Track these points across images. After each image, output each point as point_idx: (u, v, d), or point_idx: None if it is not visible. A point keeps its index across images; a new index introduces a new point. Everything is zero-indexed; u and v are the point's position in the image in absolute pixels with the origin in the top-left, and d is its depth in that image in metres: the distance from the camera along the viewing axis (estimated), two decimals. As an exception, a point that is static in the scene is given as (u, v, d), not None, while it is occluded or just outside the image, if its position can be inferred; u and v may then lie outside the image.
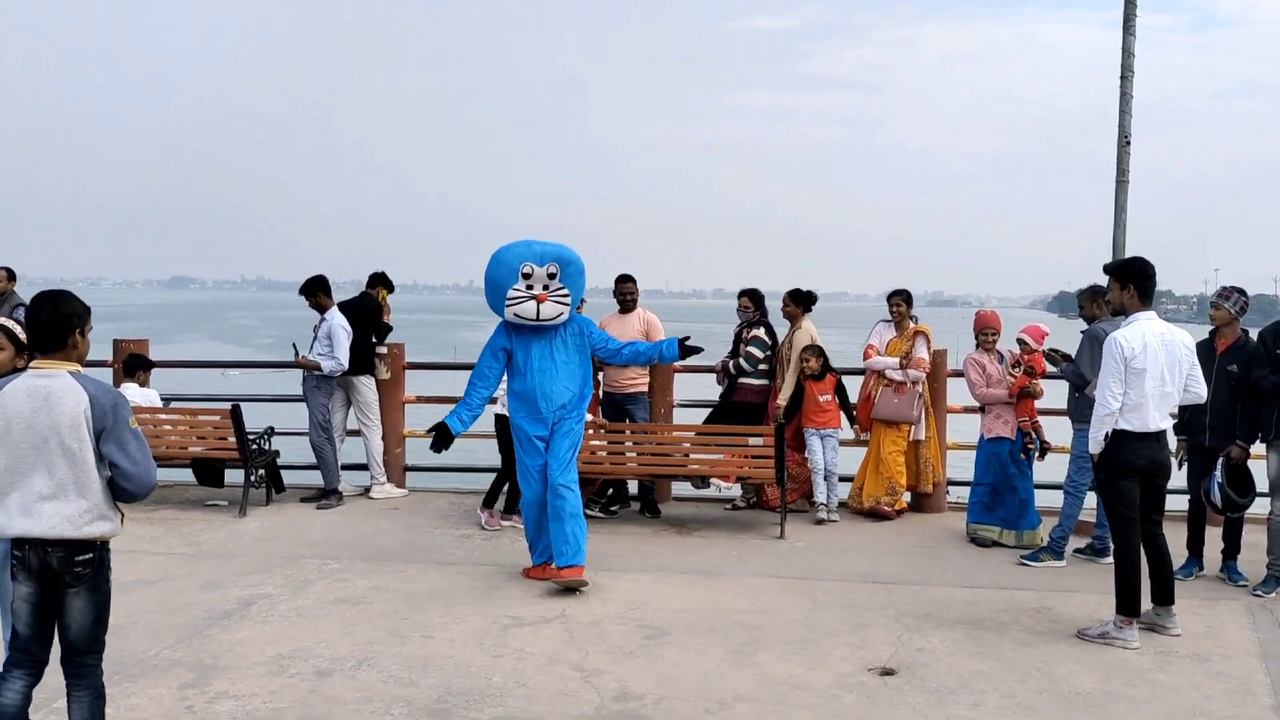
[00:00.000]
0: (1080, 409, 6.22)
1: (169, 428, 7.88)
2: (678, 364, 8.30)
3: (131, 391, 7.99)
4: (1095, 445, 4.94)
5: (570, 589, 5.53)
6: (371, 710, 4.04)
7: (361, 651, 4.69)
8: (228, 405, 7.78)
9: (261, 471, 7.90)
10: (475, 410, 5.86)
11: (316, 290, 8.15)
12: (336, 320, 7.92)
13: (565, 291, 5.64)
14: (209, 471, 7.84)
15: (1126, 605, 4.88)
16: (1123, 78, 7.56)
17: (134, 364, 8.16)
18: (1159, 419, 4.91)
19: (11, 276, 8.84)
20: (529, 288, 5.57)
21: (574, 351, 5.77)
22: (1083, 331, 6.44)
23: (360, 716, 3.99)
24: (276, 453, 8.16)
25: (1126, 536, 4.93)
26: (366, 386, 8.20)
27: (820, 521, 7.33)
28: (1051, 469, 7.62)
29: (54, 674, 3.24)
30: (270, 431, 8.09)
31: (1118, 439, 4.87)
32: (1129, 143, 7.54)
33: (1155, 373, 4.85)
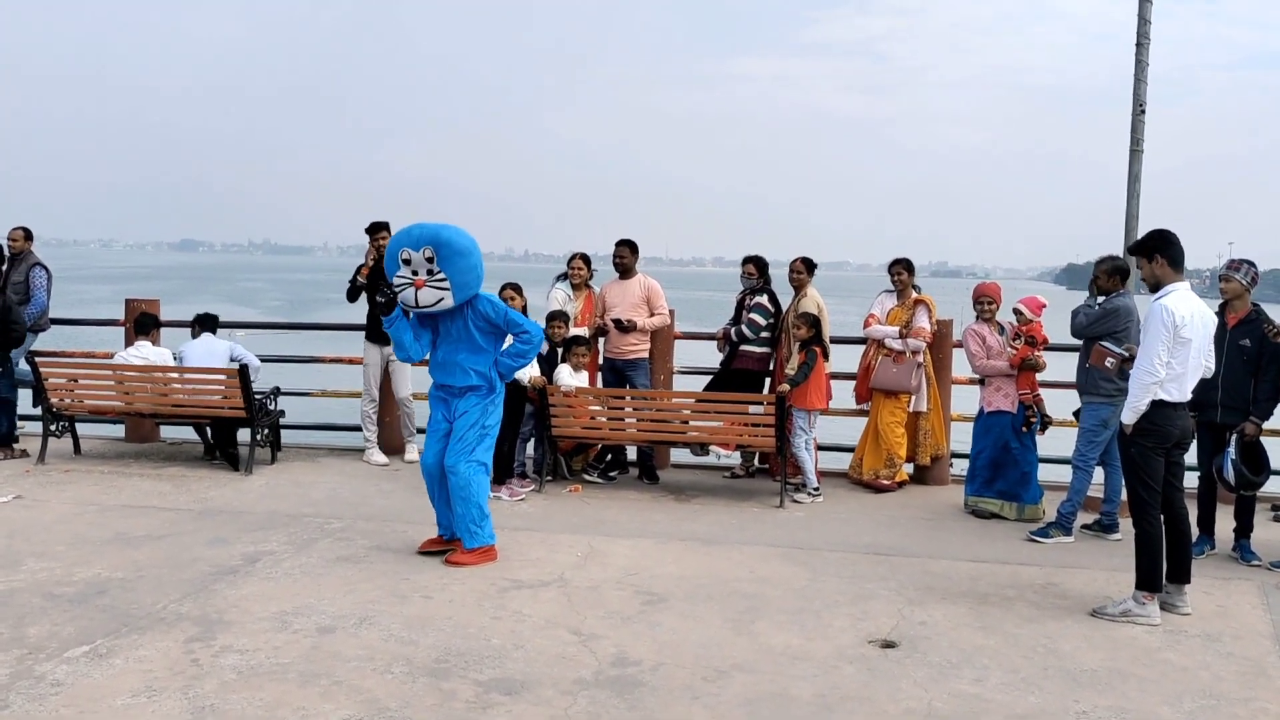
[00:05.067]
0: (1091, 382, 6.13)
1: (178, 386, 7.85)
2: (676, 330, 8.22)
3: (146, 350, 8.03)
4: (1133, 415, 4.81)
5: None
6: (373, 668, 4.02)
7: (363, 610, 4.68)
8: (235, 365, 7.79)
9: (267, 430, 7.91)
10: (410, 334, 5.60)
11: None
12: None
13: (442, 276, 5.32)
14: (220, 444, 7.84)
15: (1148, 580, 4.81)
16: (1138, 45, 7.40)
17: (145, 323, 8.30)
18: (1190, 390, 4.86)
19: (29, 236, 8.95)
20: (414, 273, 5.34)
21: (477, 335, 5.50)
22: (1100, 304, 6.33)
23: (362, 673, 3.96)
24: (282, 412, 8.17)
25: (1149, 510, 4.84)
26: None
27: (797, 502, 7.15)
28: (1053, 442, 7.55)
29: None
30: (276, 392, 8.11)
31: (1156, 409, 4.77)
32: (1144, 111, 7.40)
33: (1197, 344, 4.79)
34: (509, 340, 5.64)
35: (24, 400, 8.42)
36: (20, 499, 6.67)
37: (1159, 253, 4.89)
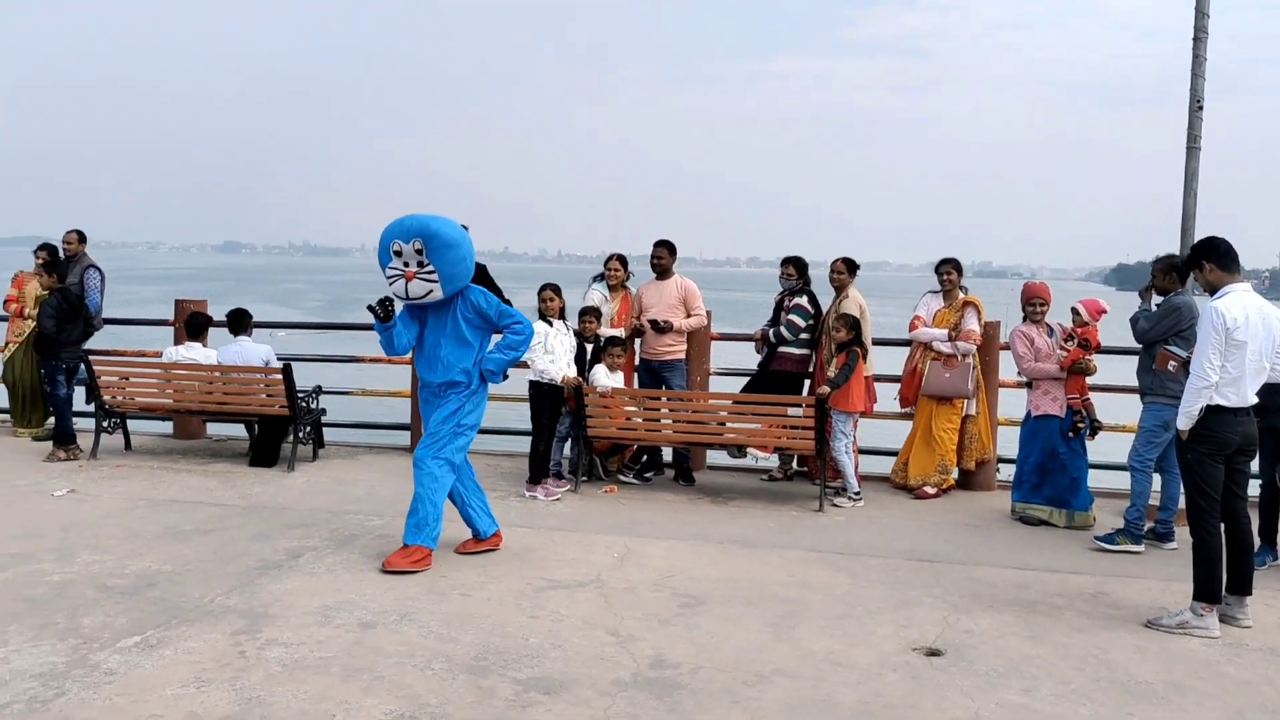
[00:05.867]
0: (1153, 383, 6.01)
1: (223, 385, 7.97)
2: (713, 331, 8.18)
3: (195, 350, 8.16)
4: (1187, 420, 4.71)
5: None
6: (413, 664, 4.04)
7: (403, 606, 4.70)
8: (279, 363, 7.92)
9: (309, 428, 8.00)
10: (400, 328, 5.52)
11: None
12: None
13: (431, 269, 5.25)
14: (265, 449, 7.92)
15: (1206, 591, 4.68)
16: (1195, 39, 7.22)
17: (196, 322, 8.44)
18: (1251, 394, 4.73)
19: (82, 239, 9.20)
20: (405, 265, 5.26)
21: (465, 329, 5.42)
22: (1158, 305, 6.21)
23: (403, 669, 3.98)
24: (323, 410, 8.27)
25: (1208, 518, 4.71)
26: None
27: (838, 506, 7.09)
28: (1103, 447, 7.40)
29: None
30: (318, 390, 8.21)
31: (1212, 414, 4.66)
32: (1201, 107, 7.21)
33: (1255, 346, 4.67)
34: (495, 340, 5.56)
35: (76, 397, 8.61)
36: (74, 493, 6.81)
37: (1206, 260, 4.83)
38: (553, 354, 7.06)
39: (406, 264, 5.28)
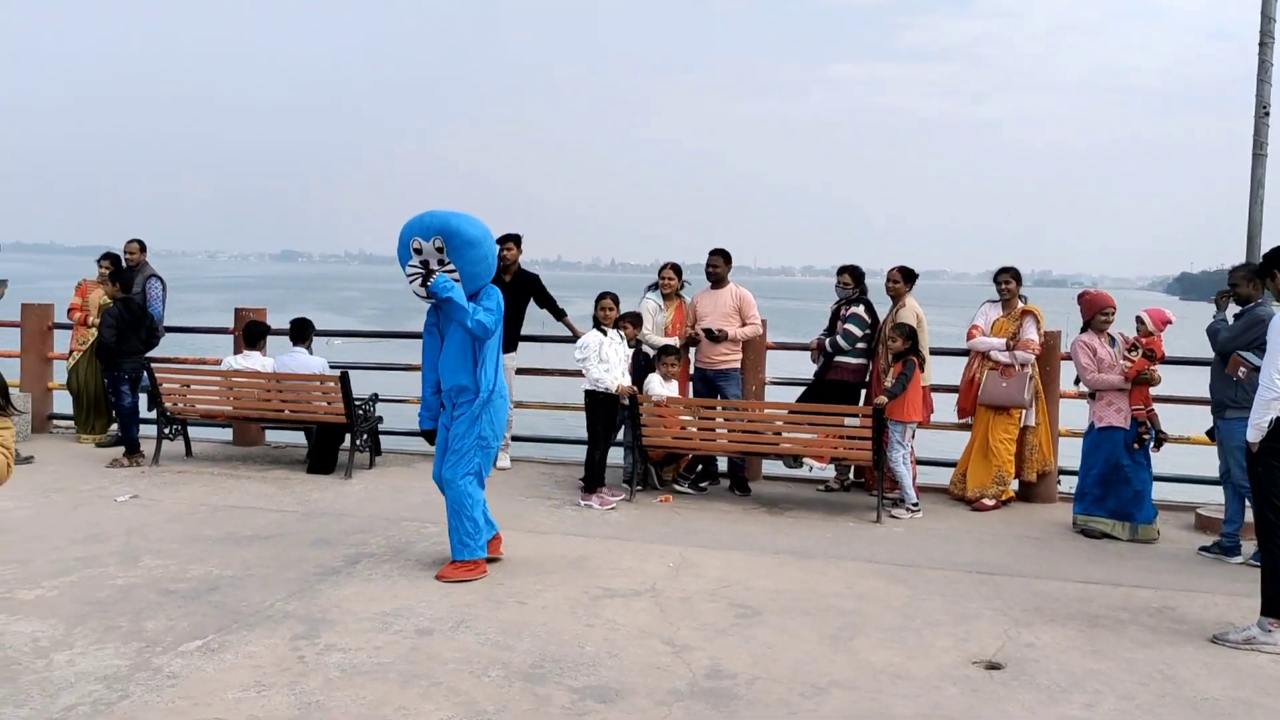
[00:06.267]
0: (1236, 395, 5.86)
1: (281, 393, 8.10)
2: (768, 340, 8.13)
3: (254, 359, 8.32)
4: (1257, 433, 4.58)
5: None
6: (470, 671, 4.06)
7: (459, 613, 4.73)
8: (336, 372, 8.01)
9: (365, 436, 8.10)
10: (430, 403, 5.49)
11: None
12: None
13: (452, 267, 5.14)
14: (323, 456, 8.04)
15: (1275, 606, 4.54)
16: (1261, 44, 7.04)
17: (255, 330, 8.57)
18: None
19: (143, 248, 9.34)
20: (424, 263, 5.16)
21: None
22: (1237, 315, 6.05)
23: (459, 676, 4.00)
24: (380, 418, 8.36)
25: (1277, 531, 4.58)
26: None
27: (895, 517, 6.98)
28: (1169, 459, 7.22)
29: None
30: (375, 398, 8.31)
31: None
32: (1268, 114, 7.02)
33: None
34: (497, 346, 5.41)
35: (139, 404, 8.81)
36: (137, 498, 6.97)
37: (1277, 268, 4.79)
38: (608, 363, 7.07)
39: (426, 262, 5.17)
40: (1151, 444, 6.55)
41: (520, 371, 8.83)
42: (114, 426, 8.99)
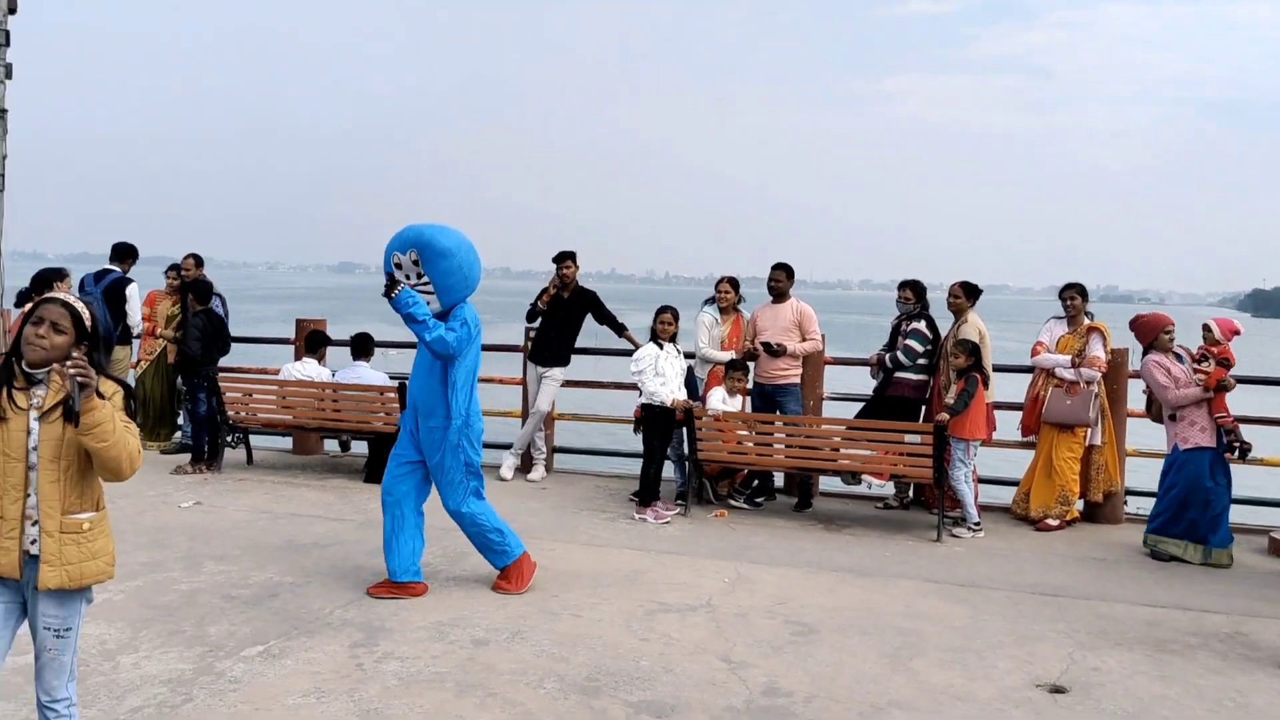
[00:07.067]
0: None
1: (335, 402, 8.22)
2: (827, 356, 8.06)
3: (310, 367, 8.47)
4: None
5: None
6: (525, 682, 4.06)
7: (514, 624, 4.75)
8: (394, 383, 8.11)
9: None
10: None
11: None
12: None
13: (427, 280, 5.02)
14: (380, 466, 8.11)
15: None
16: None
17: (315, 340, 8.75)
18: None
19: (199, 263, 9.45)
20: (405, 278, 5.04)
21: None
22: None
23: (515, 687, 4.01)
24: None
25: None
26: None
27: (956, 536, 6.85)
28: (1246, 481, 7.00)
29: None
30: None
31: None
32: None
33: None
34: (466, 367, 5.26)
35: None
36: (200, 505, 7.11)
37: None
38: (663, 376, 7.06)
39: (407, 277, 5.06)
40: (1238, 454, 6.34)
41: (571, 384, 8.85)
42: (178, 434, 9.19)
